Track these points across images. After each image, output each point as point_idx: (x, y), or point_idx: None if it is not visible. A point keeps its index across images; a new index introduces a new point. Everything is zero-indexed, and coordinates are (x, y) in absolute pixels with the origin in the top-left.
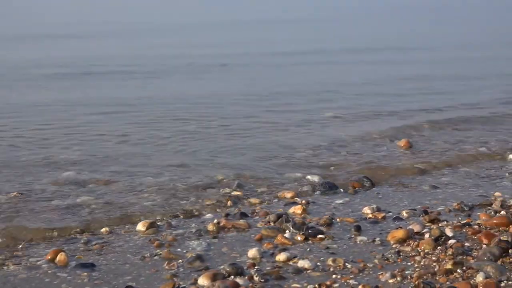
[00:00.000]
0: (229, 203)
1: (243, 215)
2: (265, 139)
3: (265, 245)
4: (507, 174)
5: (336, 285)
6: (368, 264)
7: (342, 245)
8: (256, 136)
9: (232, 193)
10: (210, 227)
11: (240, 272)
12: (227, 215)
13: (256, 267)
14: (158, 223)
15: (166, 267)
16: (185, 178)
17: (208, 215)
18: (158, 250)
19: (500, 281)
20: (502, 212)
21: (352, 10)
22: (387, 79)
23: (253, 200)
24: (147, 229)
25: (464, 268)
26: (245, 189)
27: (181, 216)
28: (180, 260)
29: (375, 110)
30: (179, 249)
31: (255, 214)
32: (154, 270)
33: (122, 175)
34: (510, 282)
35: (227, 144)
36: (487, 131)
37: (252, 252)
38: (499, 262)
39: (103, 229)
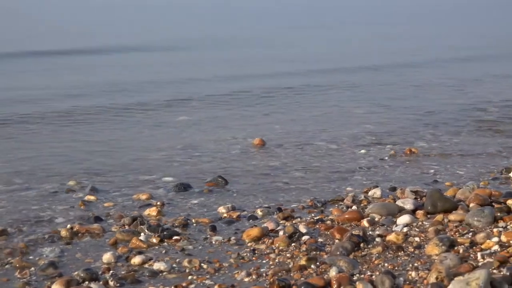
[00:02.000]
0: (82, 207)
1: (98, 219)
2: (119, 143)
3: (120, 248)
4: (358, 169)
5: (192, 286)
6: (224, 264)
7: (197, 246)
8: (110, 140)
9: (86, 198)
10: (63, 232)
11: (94, 278)
12: (80, 219)
13: (111, 271)
14: (9, 230)
15: (18, 276)
16: (37, 184)
17: (61, 221)
18: (9, 258)
19: (353, 275)
20: (354, 207)
21: None
22: (236, 79)
23: (107, 204)
24: None
25: (317, 263)
26: (99, 193)
27: (33, 223)
28: (32, 268)
29: (229, 110)
30: (31, 257)
31: (109, 217)
32: (5, 279)
33: None
34: (362, 275)
35: (80, 149)
36: (338, 127)
37: (107, 257)
38: (351, 256)
39: None
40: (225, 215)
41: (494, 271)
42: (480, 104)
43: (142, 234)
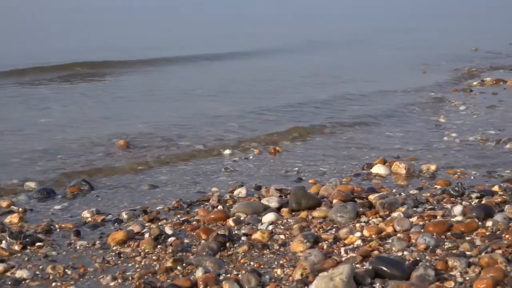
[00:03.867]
0: None
1: None
2: None
3: None
4: (223, 169)
5: None
6: (88, 269)
7: (61, 252)
8: None
9: None
10: None
11: None
12: None
13: None
14: None
15: None
16: None
17: None
18: None
19: (219, 275)
20: (219, 207)
21: None
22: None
23: None
24: None
25: (184, 264)
26: None
27: None
28: None
29: (97, 112)
30: None
31: None
32: None
33: None
34: (228, 275)
35: None
36: (203, 126)
37: None
38: (217, 256)
39: None
40: (89, 219)
41: (357, 265)
42: (341, 101)
43: (3, 241)
